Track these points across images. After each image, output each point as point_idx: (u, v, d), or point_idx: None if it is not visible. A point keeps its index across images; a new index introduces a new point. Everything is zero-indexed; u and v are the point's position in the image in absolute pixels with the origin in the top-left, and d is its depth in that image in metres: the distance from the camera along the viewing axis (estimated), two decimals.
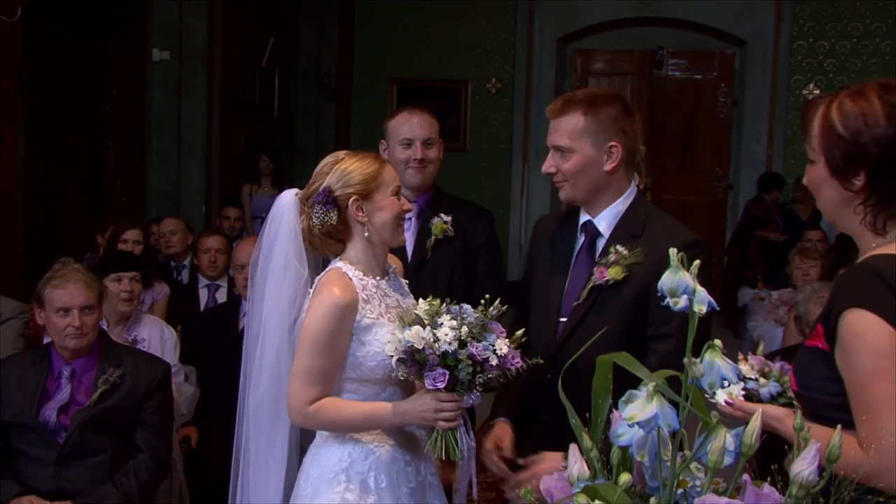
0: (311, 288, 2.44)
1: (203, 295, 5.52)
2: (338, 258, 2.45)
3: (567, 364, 1.57)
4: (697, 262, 1.43)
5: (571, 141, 2.43)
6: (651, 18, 9.86)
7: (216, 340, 4.50)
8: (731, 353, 1.44)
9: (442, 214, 3.35)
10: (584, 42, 10.30)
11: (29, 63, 6.37)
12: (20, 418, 3.36)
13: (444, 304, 2.24)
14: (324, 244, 2.45)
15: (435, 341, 2.13)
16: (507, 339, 2.18)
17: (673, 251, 1.42)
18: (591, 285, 2.44)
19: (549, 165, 2.49)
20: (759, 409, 1.51)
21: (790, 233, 8.51)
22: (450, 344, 2.13)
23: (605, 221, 2.50)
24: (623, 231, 2.45)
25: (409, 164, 3.33)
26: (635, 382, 1.35)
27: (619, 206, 2.48)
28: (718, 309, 1.45)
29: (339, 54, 10.34)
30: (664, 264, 2.27)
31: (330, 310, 2.29)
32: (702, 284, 2.25)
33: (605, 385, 1.45)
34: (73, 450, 3.34)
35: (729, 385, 1.95)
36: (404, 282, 2.57)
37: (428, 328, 2.17)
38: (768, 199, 8.94)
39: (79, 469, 3.35)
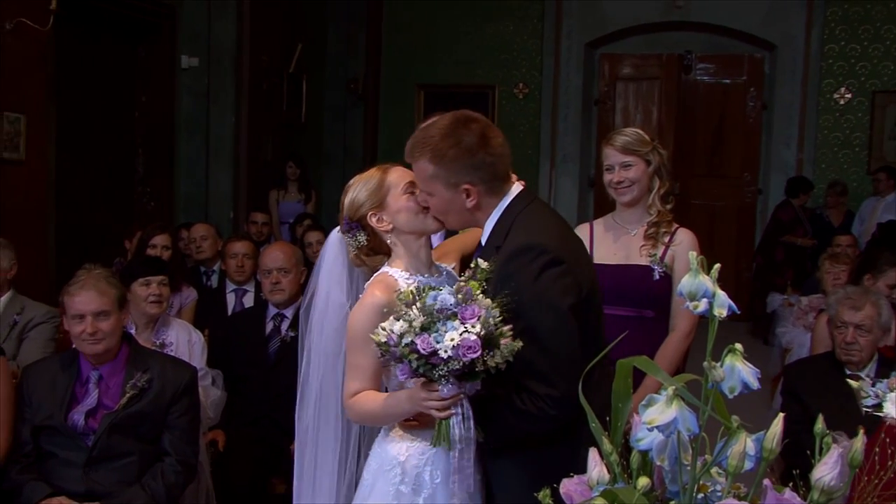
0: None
1: (230, 299, 5.56)
2: (386, 263, 2.55)
3: (586, 369, 1.57)
4: (717, 265, 1.42)
5: (427, 185, 2.43)
6: (679, 23, 9.81)
7: (243, 344, 4.54)
8: (759, 360, 1.44)
9: None
10: (611, 47, 10.27)
11: (60, 71, 6.46)
12: (50, 422, 3.41)
13: (421, 292, 2.18)
14: (374, 261, 2.59)
15: (401, 335, 2.11)
16: (476, 325, 2.07)
17: (693, 254, 1.42)
18: None
19: (421, 200, 2.49)
20: None
21: (821, 238, 8.41)
22: (404, 336, 2.11)
23: (484, 238, 2.51)
24: (490, 244, 2.44)
25: None
26: None
27: (492, 220, 2.47)
28: (739, 312, 1.44)
29: (366, 60, 10.39)
30: (499, 272, 2.24)
31: (369, 310, 2.38)
32: (543, 289, 2.24)
33: (625, 389, 1.45)
34: (102, 453, 3.39)
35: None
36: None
37: (391, 319, 2.16)
38: (795, 203, 8.83)
39: (107, 471, 3.39)
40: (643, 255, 3.39)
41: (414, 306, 2.13)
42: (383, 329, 2.15)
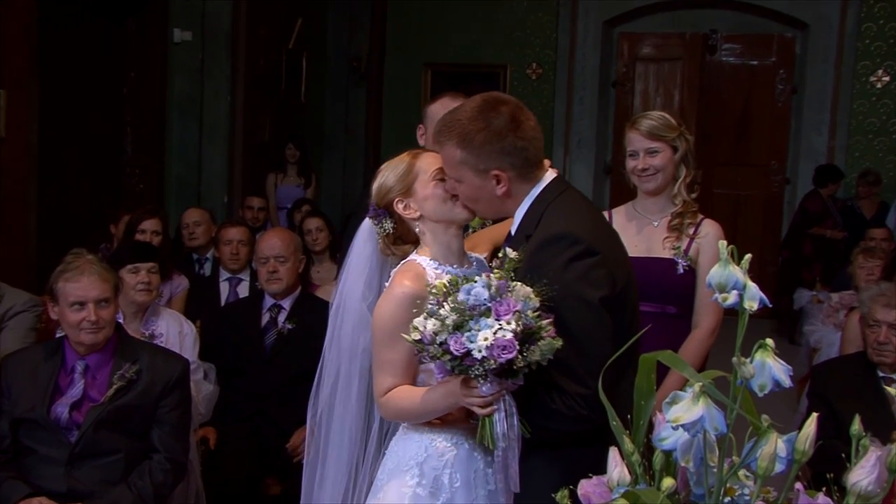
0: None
1: (224, 289, 5.56)
2: (414, 251, 2.57)
3: (605, 366, 1.56)
4: (748, 256, 1.41)
5: (456, 172, 2.44)
6: (704, 0, 9.79)
7: (237, 337, 4.54)
8: (785, 361, 1.43)
9: None
10: (631, 25, 10.24)
11: (44, 44, 6.45)
12: (30, 415, 3.40)
13: (454, 285, 2.17)
14: (402, 251, 2.60)
15: (435, 334, 2.11)
16: (511, 322, 2.06)
17: (723, 244, 1.41)
18: None
19: (449, 187, 2.49)
20: None
21: (853, 230, 8.38)
22: (438, 334, 2.11)
23: (514, 227, 2.52)
24: (521, 233, 2.44)
25: None
26: None
27: (523, 207, 2.47)
28: (771, 306, 1.44)
29: (370, 36, 10.36)
30: (527, 262, 2.23)
31: (398, 301, 2.39)
32: (573, 281, 2.23)
33: (647, 385, 1.45)
34: (86, 449, 3.38)
35: None
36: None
37: (422, 316, 2.16)
38: (824, 193, 8.78)
39: (91, 469, 3.38)
40: (666, 247, 3.39)
41: (446, 303, 2.12)
42: (415, 328, 2.15)
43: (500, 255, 2.28)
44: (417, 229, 2.55)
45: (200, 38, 8.07)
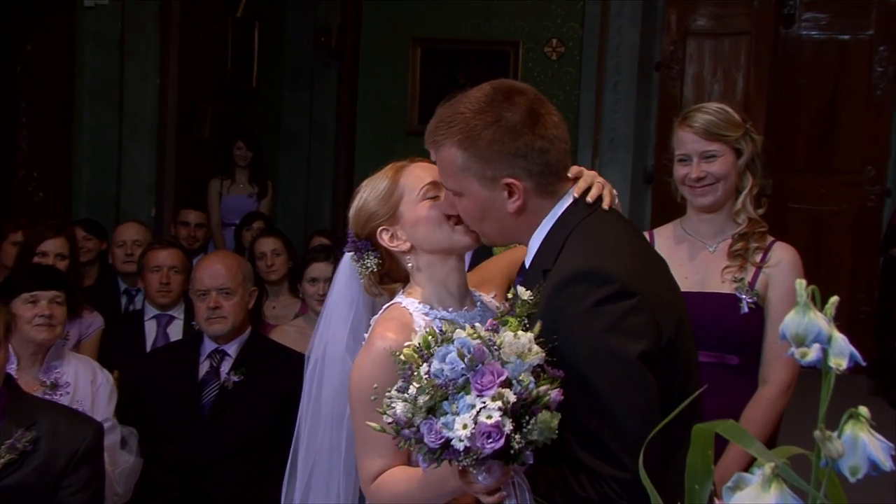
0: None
1: (150, 329, 5.55)
2: (401, 292, 2.59)
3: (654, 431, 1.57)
4: (834, 298, 1.41)
5: (456, 181, 2.44)
6: None
7: (167, 392, 4.54)
8: (886, 430, 1.44)
9: None
10: None
11: None
12: None
13: (426, 349, 2.15)
14: (391, 289, 2.64)
15: (409, 417, 2.09)
16: (496, 400, 2.03)
17: (801, 283, 1.41)
18: None
19: (445, 207, 2.52)
20: None
21: None
22: (414, 417, 2.09)
23: (529, 258, 2.52)
24: (536, 266, 2.45)
25: None
26: None
27: (540, 233, 2.48)
28: (864, 364, 1.44)
29: (342, 4, 10.41)
30: (545, 308, 2.23)
31: (379, 359, 2.40)
32: (604, 331, 2.21)
33: (703, 464, 1.45)
34: None
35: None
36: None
37: (387, 394, 2.15)
38: None
39: None
40: (726, 279, 3.40)
41: (413, 379, 2.11)
42: (384, 413, 2.14)
43: (509, 295, 2.29)
44: (410, 265, 2.56)
45: (120, 1, 8.07)
